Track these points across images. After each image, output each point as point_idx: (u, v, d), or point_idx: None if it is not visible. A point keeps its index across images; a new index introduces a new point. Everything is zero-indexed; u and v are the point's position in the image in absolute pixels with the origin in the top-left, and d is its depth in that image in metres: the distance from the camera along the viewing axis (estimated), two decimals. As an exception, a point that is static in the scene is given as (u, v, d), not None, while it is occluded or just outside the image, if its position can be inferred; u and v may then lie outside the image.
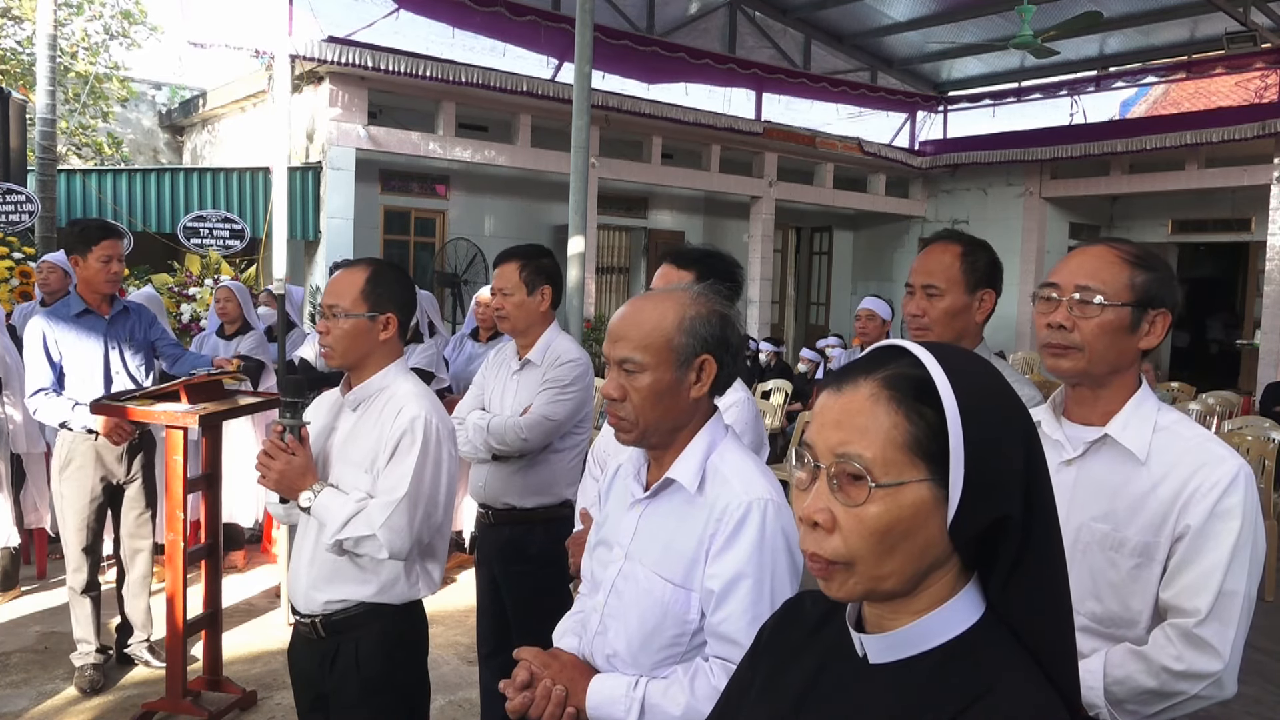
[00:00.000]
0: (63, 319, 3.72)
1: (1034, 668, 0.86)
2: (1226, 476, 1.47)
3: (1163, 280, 1.57)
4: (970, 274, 2.12)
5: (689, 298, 1.54)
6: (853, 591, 0.89)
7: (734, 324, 1.56)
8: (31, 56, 12.07)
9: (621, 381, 1.51)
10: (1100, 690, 1.49)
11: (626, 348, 1.50)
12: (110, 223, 3.97)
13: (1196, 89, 15.88)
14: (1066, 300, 1.58)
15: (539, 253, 2.97)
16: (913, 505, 0.85)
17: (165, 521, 3.58)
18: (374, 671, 2.15)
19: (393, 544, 2.04)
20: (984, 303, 2.15)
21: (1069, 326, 1.57)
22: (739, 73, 13.08)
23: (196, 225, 7.79)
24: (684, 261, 2.31)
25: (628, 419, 1.51)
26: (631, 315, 1.53)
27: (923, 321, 2.14)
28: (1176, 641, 1.46)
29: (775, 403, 8.48)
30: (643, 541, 1.55)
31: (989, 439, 0.86)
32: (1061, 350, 1.59)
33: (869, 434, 0.86)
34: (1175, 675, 1.45)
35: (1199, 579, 1.46)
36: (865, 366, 0.90)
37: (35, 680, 3.82)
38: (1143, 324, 1.56)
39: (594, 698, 1.49)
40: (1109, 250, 1.59)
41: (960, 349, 0.95)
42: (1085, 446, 1.59)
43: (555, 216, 12.34)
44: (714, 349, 1.51)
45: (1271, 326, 11.80)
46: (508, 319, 2.91)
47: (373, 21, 10.37)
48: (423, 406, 2.12)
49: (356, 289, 2.15)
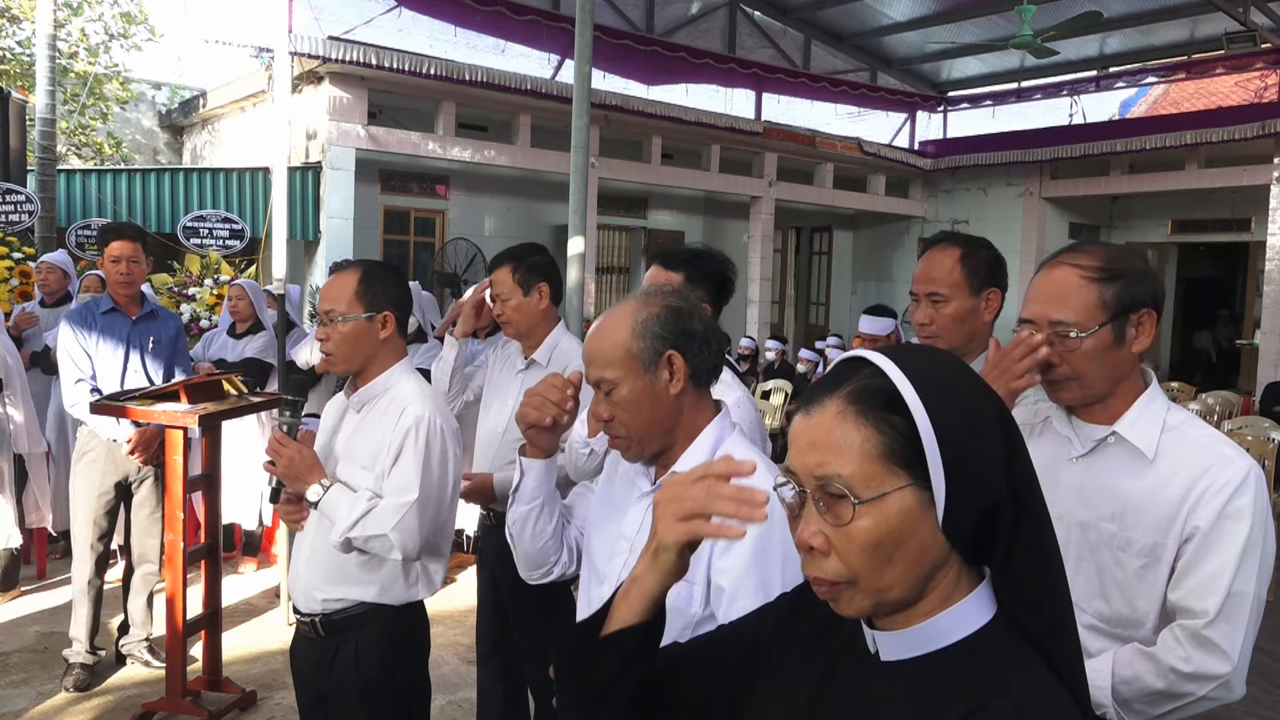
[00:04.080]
0: (92, 316, 3.81)
1: (1044, 666, 0.86)
2: (1236, 477, 1.46)
3: (1133, 280, 1.53)
4: (972, 275, 2.09)
5: (638, 303, 1.55)
6: (861, 607, 0.90)
7: (690, 314, 1.54)
8: (31, 56, 12.07)
9: (604, 403, 1.53)
10: (1107, 690, 1.48)
11: (597, 369, 1.53)
12: (123, 224, 4.02)
13: (1196, 89, 15.88)
14: (1045, 336, 1.55)
15: (531, 251, 2.95)
16: (900, 513, 0.85)
17: (165, 521, 3.59)
18: (373, 672, 2.15)
19: (405, 545, 2.05)
20: (990, 302, 2.12)
21: (1056, 362, 1.55)
22: (739, 73, 13.08)
23: (196, 225, 7.79)
24: (672, 263, 2.30)
25: (623, 436, 1.53)
26: (594, 337, 1.56)
27: (931, 330, 2.11)
28: (1185, 643, 1.45)
29: (775, 403, 8.48)
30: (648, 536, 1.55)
31: (962, 430, 0.86)
32: (1057, 383, 1.58)
33: (843, 452, 0.86)
34: (1183, 677, 1.44)
35: (1207, 580, 1.45)
36: (829, 384, 0.91)
37: (35, 680, 3.82)
38: (1127, 331, 1.53)
39: None
40: (1071, 273, 1.54)
41: (920, 348, 0.95)
42: (1093, 444, 1.59)
43: (555, 216, 12.34)
44: (676, 343, 1.51)
45: (1271, 326, 11.79)
46: (510, 323, 2.90)
47: (372, 18, 10.38)
48: (426, 406, 2.13)
49: (350, 291, 2.15)
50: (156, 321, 3.93)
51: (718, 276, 2.30)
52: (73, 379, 3.72)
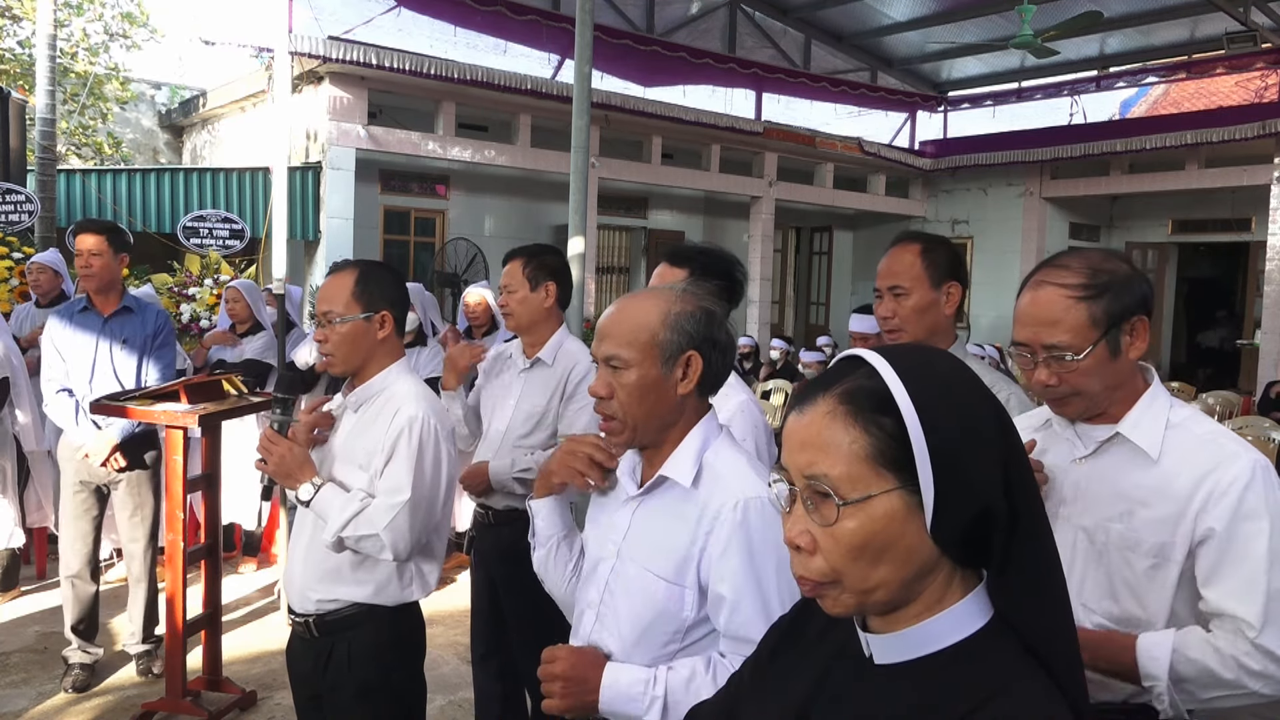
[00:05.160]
0: (68, 314, 3.83)
1: (1041, 673, 0.86)
2: (1244, 474, 1.45)
3: (1120, 290, 1.51)
4: (932, 270, 2.17)
5: (675, 295, 1.54)
6: (846, 606, 0.89)
7: (721, 322, 1.54)
8: (31, 56, 12.06)
9: (609, 380, 1.51)
10: (1165, 664, 1.45)
11: (612, 345, 1.51)
12: (94, 220, 4.06)
13: (1197, 89, 15.89)
14: (1042, 359, 1.54)
15: (544, 250, 2.98)
16: (885, 517, 0.85)
17: (165, 521, 3.58)
18: (367, 673, 2.15)
19: (396, 545, 2.05)
20: (951, 296, 2.19)
21: (1055, 383, 1.54)
22: (739, 73, 13.08)
23: (196, 225, 7.78)
24: (679, 259, 2.30)
25: (616, 418, 1.51)
26: (618, 313, 1.54)
27: (894, 323, 2.20)
28: (1246, 640, 1.43)
29: (776, 403, 8.48)
30: (635, 539, 1.55)
31: (955, 434, 0.85)
32: (1060, 401, 1.58)
33: (830, 452, 0.86)
34: (1250, 673, 1.42)
35: (1245, 585, 1.43)
36: (823, 383, 0.91)
37: (35, 680, 3.82)
38: (1122, 341, 1.53)
39: (608, 693, 1.46)
40: (1057, 294, 1.52)
41: (918, 347, 0.94)
42: (1097, 445, 1.58)
43: (555, 216, 12.33)
44: (700, 345, 1.50)
45: (1271, 326, 11.79)
46: (512, 315, 2.92)
47: (372, 18, 10.37)
48: (420, 407, 2.12)
49: (348, 291, 2.15)
50: (130, 320, 3.83)
51: (726, 276, 2.28)
52: (45, 378, 3.79)
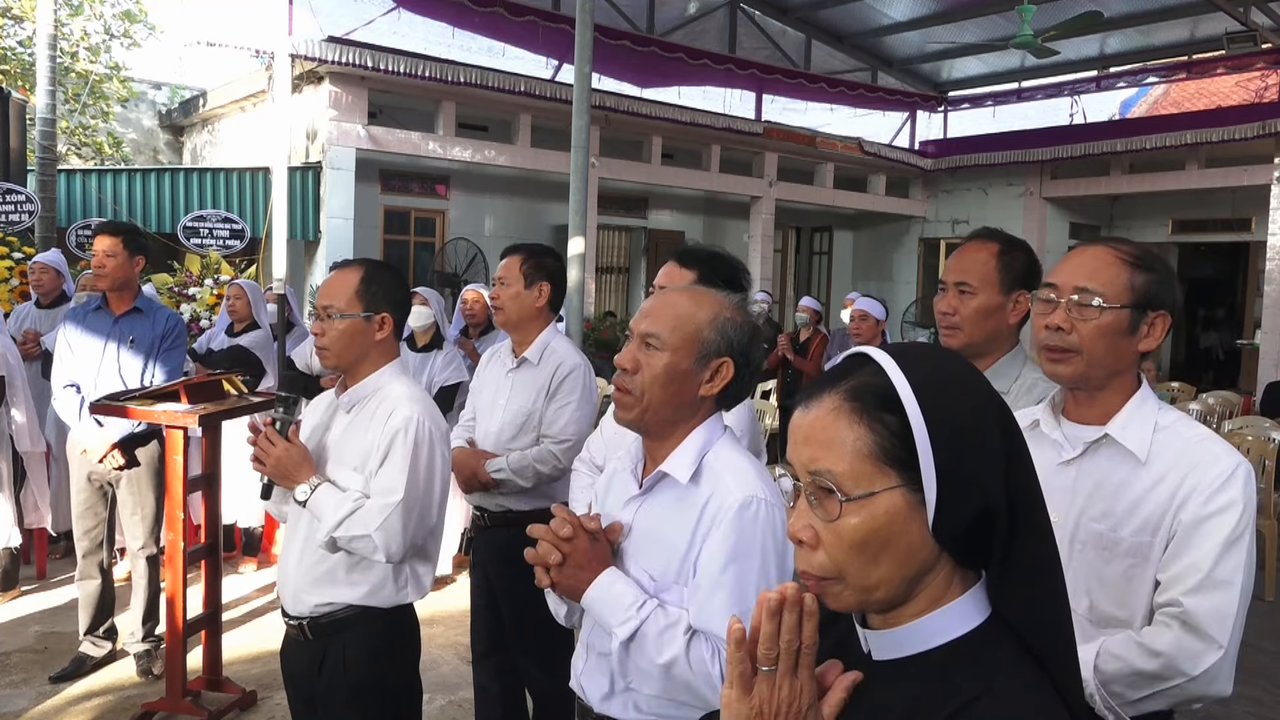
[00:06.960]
0: (82, 312, 3.92)
1: (1036, 670, 0.86)
2: (1224, 474, 1.47)
3: (1162, 281, 1.55)
4: (1006, 273, 2.03)
5: (728, 301, 1.58)
6: (848, 603, 0.90)
7: (759, 341, 1.58)
8: (31, 56, 12.07)
9: (638, 355, 1.53)
10: (1090, 664, 1.48)
11: (654, 324, 1.54)
12: (112, 222, 4.11)
13: (1197, 89, 15.88)
14: (1065, 302, 1.56)
15: (545, 252, 2.98)
16: (887, 514, 0.85)
17: (165, 521, 3.59)
18: (361, 676, 2.14)
19: (388, 546, 2.04)
20: (1019, 305, 2.04)
21: (1067, 329, 1.55)
22: (738, 73, 13.07)
23: (196, 225, 7.79)
24: (689, 261, 2.30)
25: (634, 393, 1.52)
26: (669, 297, 1.59)
27: (953, 320, 2.05)
28: (1174, 627, 1.45)
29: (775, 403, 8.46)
30: (637, 540, 1.55)
31: (960, 435, 0.85)
32: (1060, 355, 1.57)
33: (834, 448, 0.87)
34: (1169, 660, 1.43)
35: (1189, 568, 1.45)
36: (831, 379, 0.91)
37: (35, 680, 3.82)
38: (1141, 326, 1.55)
39: (596, 590, 1.48)
40: (1108, 251, 1.58)
41: (927, 346, 0.95)
42: (1084, 446, 1.59)
43: (555, 216, 12.33)
44: (736, 355, 1.54)
45: (1271, 326, 11.79)
46: (502, 309, 2.91)
47: (371, 19, 10.37)
48: (415, 408, 2.12)
49: (351, 289, 2.14)
50: (140, 320, 3.87)
51: (731, 281, 2.27)
52: (55, 372, 3.85)
